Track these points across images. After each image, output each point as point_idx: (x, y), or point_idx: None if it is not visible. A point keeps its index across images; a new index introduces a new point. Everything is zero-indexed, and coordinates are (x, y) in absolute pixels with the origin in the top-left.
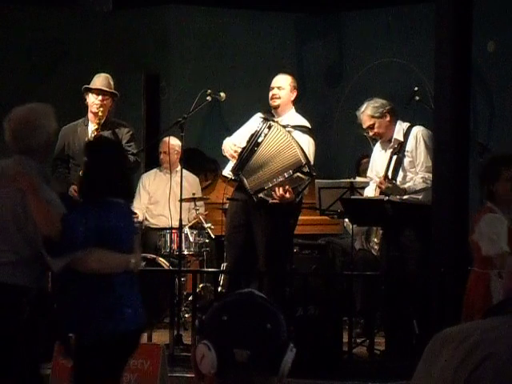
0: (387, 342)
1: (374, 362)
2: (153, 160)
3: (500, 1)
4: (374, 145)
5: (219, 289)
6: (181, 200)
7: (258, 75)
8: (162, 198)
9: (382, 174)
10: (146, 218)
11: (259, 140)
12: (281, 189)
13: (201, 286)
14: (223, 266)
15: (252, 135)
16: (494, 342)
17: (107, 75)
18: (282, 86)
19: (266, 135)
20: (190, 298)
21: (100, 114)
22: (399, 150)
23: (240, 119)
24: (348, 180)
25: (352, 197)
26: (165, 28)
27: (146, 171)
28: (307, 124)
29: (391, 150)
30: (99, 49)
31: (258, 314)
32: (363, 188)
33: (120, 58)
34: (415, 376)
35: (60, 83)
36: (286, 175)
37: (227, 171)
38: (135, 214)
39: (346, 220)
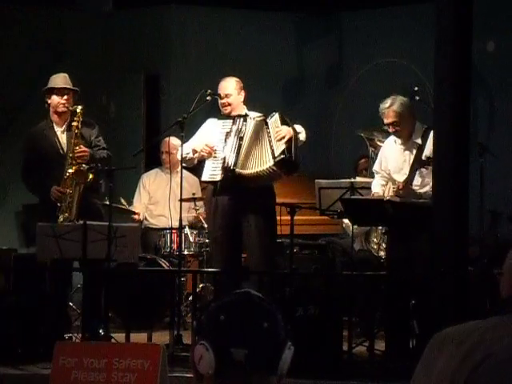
0: (387, 342)
1: (374, 362)
2: (153, 160)
3: (500, 1)
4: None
5: None
6: (181, 200)
7: (258, 75)
8: (162, 199)
9: (393, 172)
10: (145, 218)
11: (241, 135)
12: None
13: (201, 286)
14: None
15: (228, 133)
16: (494, 341)
17: (65, 74)
18: (229, 92)
19: (245, 128)
20: (190, 298)
21: (78, 111)
22: (418, 157)
23: None
24: (348, 180)
25: (352, 197)
26: (165, 28)
27: (145, 171)
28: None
29: (410, 150)
30: (99, 49)
31: (255, 313)
32: (363, 188)
33: (120, 58)
34: (415, 376)
35: None
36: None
37: (207, 176)
38: (137, 213)
39: (346, 221)
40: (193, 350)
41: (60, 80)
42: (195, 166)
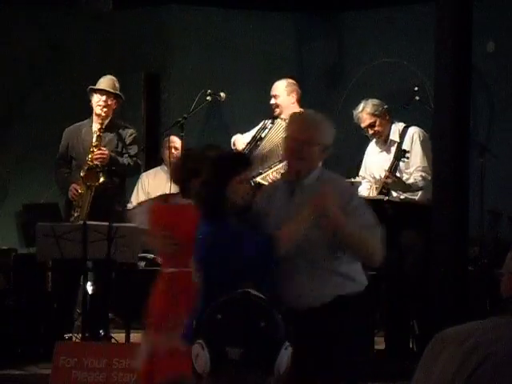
0: (387, 342)
1: (374, 362)
2: (153, 160)
3: (500, 1)
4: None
5: None
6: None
7: (258, 75)
8: None
9: (377, 174)
10: None
11: (262, 135)
12: (274, 173)
13: None
14: None
15: (256, 131)
16: (494, 342)
17: (113, 77)
18: (277, 93)
19: (269, 130)
20: None
21: (103, 114)
22: (398, 151)
23: (240, 119)
24: (348, 180)
25: None
26: (165, 28)
27: (145, 171)
28: None
29: (388, 150)
30: (99, 49)
31: (252, 313)
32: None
33: (120, 58)
34: (415, 377)
35: (60, 83)
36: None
37: None
38: None
39: None
40: (191, 350)
41: (103, 82)
42: None
